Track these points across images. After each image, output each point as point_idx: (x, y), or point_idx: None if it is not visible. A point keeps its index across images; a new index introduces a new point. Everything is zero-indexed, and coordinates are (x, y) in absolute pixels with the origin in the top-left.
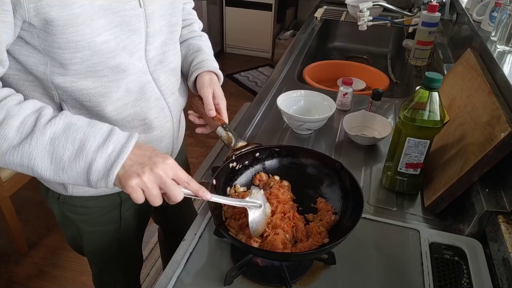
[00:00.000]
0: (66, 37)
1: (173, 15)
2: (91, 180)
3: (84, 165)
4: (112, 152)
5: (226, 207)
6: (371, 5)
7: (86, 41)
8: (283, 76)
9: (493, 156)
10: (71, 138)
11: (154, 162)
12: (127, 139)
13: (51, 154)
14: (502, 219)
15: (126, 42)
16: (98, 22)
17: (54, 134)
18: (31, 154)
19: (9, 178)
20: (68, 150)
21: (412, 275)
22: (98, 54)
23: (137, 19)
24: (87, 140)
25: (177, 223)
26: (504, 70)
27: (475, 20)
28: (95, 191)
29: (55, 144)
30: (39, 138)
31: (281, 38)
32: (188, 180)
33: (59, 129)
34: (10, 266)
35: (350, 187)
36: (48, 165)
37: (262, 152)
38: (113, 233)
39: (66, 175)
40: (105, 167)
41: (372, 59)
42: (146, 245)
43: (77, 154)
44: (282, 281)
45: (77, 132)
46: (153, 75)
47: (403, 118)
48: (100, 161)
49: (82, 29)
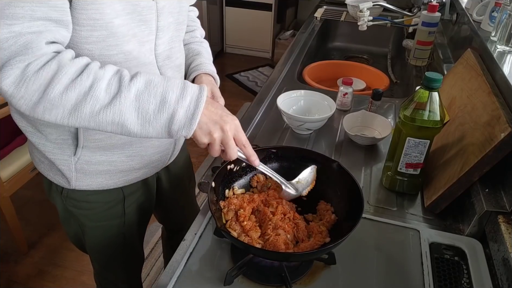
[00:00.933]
0: (86, 13)
1: (180, 14)
2: (173, 130)
3: (167, 116)
4: (190, 103)
5: (226, 209)
6: (371, 5)
7: (104, 21)
8: (283, 76)
9: (493, 156)
10: (153, 92)
11: (225, 121)
12: (200, 91)
13: (138, 109)
14: (502, 219)
15: (136, 30)
16: (116, 5)
17: (138, 91)
18: (121, 111)
19: (9, 178)
20: (152, 104)
21: (412, 275)
22: (113, 36)
23: (148, 11)
24: (167, 93)
25: (179, 221)
26: (504, 70)
27: (475, 20)
28: (98, 184)
29: (140, 100)
30: (126, 95)
31: (281, 38)
32: (246, 143)
33: (142, 86)
34: (10, 266)
35: (349, 187)
36: (135, 119)
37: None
38: (116, 229)
39: (151, 128)
40: (186, 116)
41: (372, 59)
42: (146, 244)
43: (160, 107)
44: (282, 281)
45: (157, 87)
46: (161, 69)
47: (403, 118)
48: (182, 111)
49: (103, 8)
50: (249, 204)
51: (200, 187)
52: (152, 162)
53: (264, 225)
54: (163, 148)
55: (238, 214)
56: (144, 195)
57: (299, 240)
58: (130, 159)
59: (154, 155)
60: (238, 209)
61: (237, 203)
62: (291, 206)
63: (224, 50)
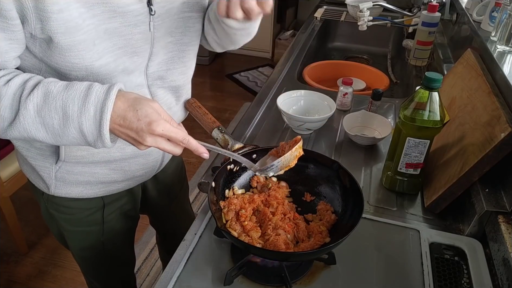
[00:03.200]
0: (65, 58)
1: (185, 35)
2: (90, 142)
3: (75, 131)
4: (95, 113)
5: (226, 209)
6: (371, 5)
7: (83, 64)
8: (283, 76)
9: (493, 156)
10: (53, 106)
11: (142, 129)
12: (105, 95)
13: (43, 124)
14: (502, 219)
15: (127, 63)
16: (100, 46)
17: (37, 106)
18: (25, 128)
19: (9, 178)
20: (55, 119)
21: (412, 275)
22: (94, 75)
23: (143, 42)
24: (67, 106)
25: (171, 226)
26: (504, 70)
27: (475, 20)
28: (78, 193)
29: (42, 115)
30: (25, 113)
31: (281, 38)
32: (182, 139)
33: (40, 101)
34: (10, 266)
35: (349, 187)
36: (44, 134)
37: (259, 154)
38: (96, 235)
39: (65, 140)
40: (95, 127)
41: (372, 59)
42: (145, 245)
43: (64, 122)
44: (282, 281)
45: (56, 100)
46: (150, 89)
47: (403, 118)
48: (88, 124)
49: (82, 54)
50: (250, 204)
51: (200, 187)
52: (136, 176)
53: (264, 225)
54: (150, 165)
55: (239, 214)
56: (129, 203)
57: (299, 240)
58: (113, 172)
59: (138, 171)
60: (239, 209)
61: (237, 203)
62: (291, 206)
63: None
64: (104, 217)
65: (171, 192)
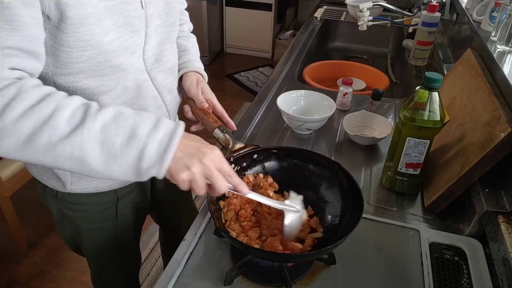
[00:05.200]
0: (77, 36)
1: (169, 15)
2: (142, 168)
3: (135, 152)
4: (164, 136)
5: (226, 209)
6: (371, 5)
7: (94, 40)
8: (283, 76)
9: (493, 156)
10: (122, 125)
11: (204, 152)
12: (176, 125)
13: (102, 142)
14: (502, 219)
15: (129, 42)
16: (105, 22)
17: (105, 123)
18: (82, 143)
19: (9, 178)
20: (119, 137)
21: (412, 275)
22: (103, 53)
23: (139, 20)
24: (137, 126)
25: (175, 221)
26: (504, 70)
27: (475, 20)
28: (94, 187)
29: (106, 132)
30: (91, 126)
31: (281, 38)
32: (231, 173)
33: (109, 117)
34: (10, 266)
35: (349, 188)
36: (98, 154)
37: (260, 154)
38: (110, 231)
39: (116, 165)
40: (157, 152)
41: (372, 59)
42: (146, 245)
43: (128, 140)
44: (282, 281)
45: (127, 119)
46: (150, 73)
47: (403, 118)
48: (153, 146)
49: (93, 28)
50: (249, 204)
51: None
52: None
53: (261, 225)
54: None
55: (239, 215)
56: (139, 196)
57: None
58: None
59: None
60: (239, 210)
61: (237, 203)
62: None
63: (224, 50)
64: (117, 211)
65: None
